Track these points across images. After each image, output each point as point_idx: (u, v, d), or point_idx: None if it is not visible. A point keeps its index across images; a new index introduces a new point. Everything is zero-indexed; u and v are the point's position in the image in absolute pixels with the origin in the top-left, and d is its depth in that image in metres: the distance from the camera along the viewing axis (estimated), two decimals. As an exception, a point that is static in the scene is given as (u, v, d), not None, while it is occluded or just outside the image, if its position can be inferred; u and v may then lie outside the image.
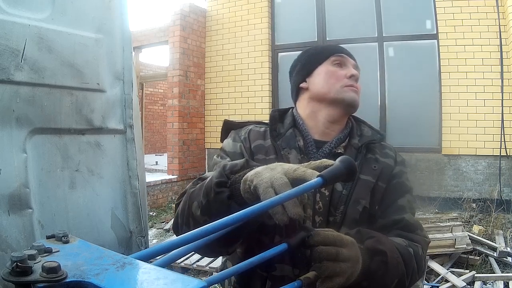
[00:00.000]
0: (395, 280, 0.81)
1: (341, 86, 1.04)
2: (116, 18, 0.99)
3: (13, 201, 0.78)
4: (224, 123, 1.12)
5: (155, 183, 5.92)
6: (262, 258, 0.62)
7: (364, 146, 1.04)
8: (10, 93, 0.78)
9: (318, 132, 1.06)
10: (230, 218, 0.54)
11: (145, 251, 0.50)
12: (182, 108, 6.28)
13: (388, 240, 0.85)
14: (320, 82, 1.06)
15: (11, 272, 0.38)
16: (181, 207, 0.88)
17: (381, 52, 5.50)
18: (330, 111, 1.06)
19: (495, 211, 4.45)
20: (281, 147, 1.02)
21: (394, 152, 1.09)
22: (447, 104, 5.05)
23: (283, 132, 1.05)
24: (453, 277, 3.27)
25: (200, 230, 0.52)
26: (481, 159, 4.90)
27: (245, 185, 0.71)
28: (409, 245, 0.90)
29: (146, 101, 10.64)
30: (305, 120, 1.08)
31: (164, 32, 6.94)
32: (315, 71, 1.08)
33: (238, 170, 0.78)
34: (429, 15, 5.24)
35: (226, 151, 1.04)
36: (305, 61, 1.12)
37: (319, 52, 1.12)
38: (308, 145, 1.04)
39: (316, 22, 5.90)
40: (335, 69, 1.07)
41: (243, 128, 1.09)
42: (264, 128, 1.08)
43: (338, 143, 1.05)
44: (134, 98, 1.05)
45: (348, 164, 0.64)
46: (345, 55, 1.10)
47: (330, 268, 0.68)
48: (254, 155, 1.01)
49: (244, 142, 1.04)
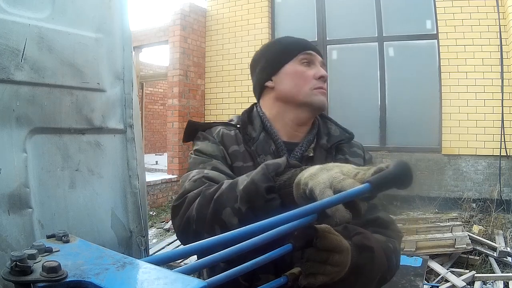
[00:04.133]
0: (379, 274, 0.81)
1: (310, 88, 1.00)
2: (116, 17, 0.99)
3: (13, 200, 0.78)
4: (189, 123, 1.05)
5: (155, 183, 5.92)
6: (267, 258, 0.59)
7: (333, 147, 1.01)
8: (10, 93, 0.78)
9: (287, 134, 1.03)
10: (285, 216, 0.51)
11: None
12: (182, 108, 6.28)
13: (373, 236, 0.84)
14: (288, 83, 1.01)
15: (11, 271, 0.38)
16: (198, 211, 0.79)
17: (381, 52, 5.50)
18: (298, 114, 1.02)
19: (495, 211, 4.45)
20: (256, 153, 0.97)
21: (362, 149, 1.07)
22: (447, 104, 5.05)
23: (255, 136, 1.00)
24: (453, 277, 3.27)
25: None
26: (481, 159, 4.90)
27: (298, 189, 0.65)
28: (388, 240, 0.90)
29: (146, 100, 10.64)
30: (272, 121, 1.04)
31: (164, 31, 6.94)
32: (282, 70, 1.02)
33: (282, 171, 0.72)
34: (429, 15, 5.24)
35: (207, 154, 0.96)
36: (271, 57, 1.05)
37: (286, 48, 1.05)
38: (279, 149, 1.00)
39: (316, 22, 5.90)
40: (304, 69, 1.01)
41: (212, 129, 1.03)
42: (233, 131, 1.02)
43: (308, 145, 1.02)
44: (134, 98, 1.04)
45: (402, 169, 0.56)
46: (314, 52, 1.04)
47: (316, 267, 0.67)
48: (232, 162, 0.97)
49: (222, 145, 0.98)
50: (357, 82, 5.62)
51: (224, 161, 0.95)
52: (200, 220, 0.78)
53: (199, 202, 0.80)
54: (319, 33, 5.86)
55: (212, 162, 0.93)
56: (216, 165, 0.93)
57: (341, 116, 5.50)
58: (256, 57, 1.12)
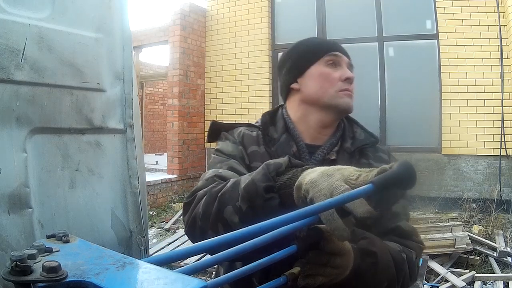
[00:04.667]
0: (385, 283, 0.79)
1: (335, 91, 0.99)
2: (116, 17, 0.99)
3: (13, 200, 0.78)
4: (212, 123, 1.06)
5: (155, 183, 5.92)
6: (272, 260, 0.59)
7: (357, 151, 1.00)
8: (10, 93, 0.78)
9: (310, 137, 1.02)
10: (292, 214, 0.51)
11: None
12: (182, 108, 6.28)
13: (382, 243, 0.82)
14: (313, 85, 1.00)
15: (11, 271, 0.38)
16: (204, 209, 0.79)
17: (381, 52, 5.50)
18: (322, 116, 1.01)
19: (495, 211, 4.45)
20: (276, 154, 0.96)
21: (388, 155, 1.05)
22: (447, 104, 5.05)
23: (276, 137, 1.00)
24: (453, 277, 3.27)
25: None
26: (481, 159, 4.90)
27: (299, 193, 0.65)
28: (402, 250, 0.87)
29: (146, 100, 10.64)
30: (296, 123, 1.03)
31: (164, 31, 6.94)
32: (307, 72, 1.02)
33: (283, 171, 0.71)
34: (429, 15, 5.24)
35: (226, 153, 0.97)
36: (297, 59, 1.05)
37: (311, 49, 1.04)
38: (301, 151, 0.99)
39: (316, 22, 5.90)
40: (329, 70, 1.00)
41: (234, 130, 1.03)
42: (255, 132, 1.02)
43: (330, 148, 1.00)
44: (134, 98, 1.04)
45: (406, 170, 0.56)
46: (340, 53, 1.03)
47: (316, 269, 0.67)
48: (250, 163, 0.96)
49: (241, 146, 0.99)
50: (357, 82, 5.58)
51: (242, 161, 0.95)
52: (205, 217, 0.78)
53: (205, 200, 0.80)
54: (319, 33, 5.85)
55: (229, 162, 0.93)
56: (232, 165, 0.93)
57: (341, 116, 5.49)
58: (283, 58, 1.10)
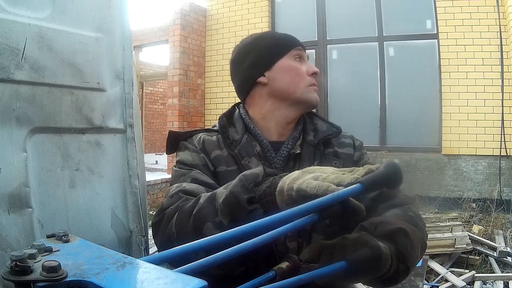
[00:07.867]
0: (419, 249, 0.71)
1: (305, 85, 0.98)
2: (116, 17, 0.99)
3: (13, 200, 0.78)
4: (169, 133, 1.01)
5: (155, 182, 5.92)
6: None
7: (321, 143, 0.98)
8: (10, 92, 0.78)
9: (274, 134, 1.00)
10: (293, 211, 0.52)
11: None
12: (182, 107, 6.28)
13: (392, 216, 0.76)
14: (284, 79, 0.98)
15: (11, 271, 0.38)
16: (177, 229, 0.76)
17: (381, 52, 5.50)
18: (290, 111, 0.99)
19: (495, 211, 4.46)
20: (240, 156, 0.93)
21: (351, 138, 1.04)
22: (447, 104, 5.05)
23: (238, 138, 0.97)
24: (453, 277, 3.27)
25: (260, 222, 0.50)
26: (481, 159, 4.91)
27: (283, 196, 0.64)
28: (404, 210, 0.82)
29: (146, 100, 10.64)
30: (260, 120, 1.01)
31: (164, 31, 6.93)
32: (276, 65, 0.99)
33: (260, 181, 0.71)
34: (429, 15, 5.24)
35: (188, 164, 0.93)
36: (262, 51, 1.01)
37: (279, 42, 1.01)
38: (265, 150, 0.96)
39: (316, 22, 5.90)
40: (298, 65, 0.99)
41: (193, 137, 0.99)
42: (215, 136, 0.99)
43: (294, 142, 0.98)
44: (134, 97, 1.04)
45: (392, 169, 0.58)
46: (302, 49, 1.01)
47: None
48: (215, 168, 0.93)
49: (203, 153, 0.95)
50: (357, 82, 5.62)
51: (206, 169, 0.92)
52: (181, 237, 0.74)
53: (177, 218, 0.77)
54: (319, 33, 5.85)
55: (191, 174, 0.90)
56: (195, 176, 0.89)
57: (341, 116, 5.50)
58: (240, 52, 1.05)
